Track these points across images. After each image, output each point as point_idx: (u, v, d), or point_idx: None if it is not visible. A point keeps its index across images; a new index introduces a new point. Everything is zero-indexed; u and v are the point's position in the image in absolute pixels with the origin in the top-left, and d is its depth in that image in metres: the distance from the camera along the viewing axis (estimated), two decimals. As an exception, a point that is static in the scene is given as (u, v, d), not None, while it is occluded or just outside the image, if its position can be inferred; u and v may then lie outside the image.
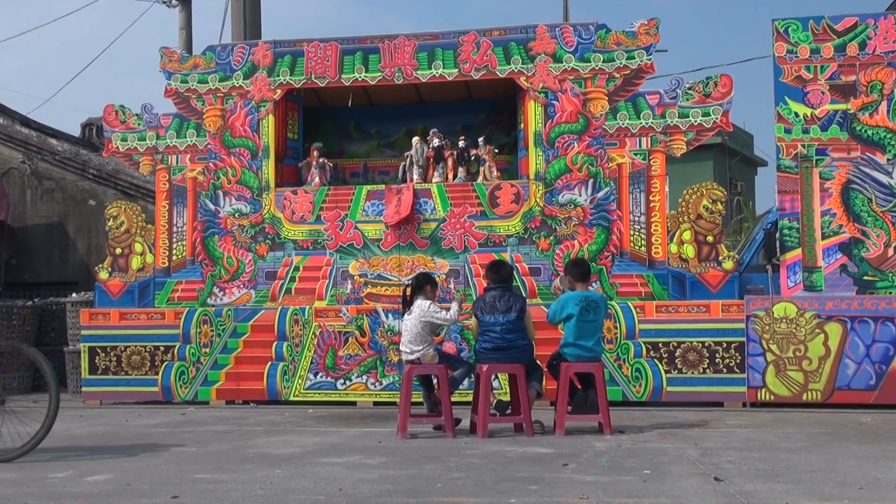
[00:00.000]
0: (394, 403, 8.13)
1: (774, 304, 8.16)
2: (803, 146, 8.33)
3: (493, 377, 7.22)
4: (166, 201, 9.50)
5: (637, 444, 6.12)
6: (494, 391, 7.46)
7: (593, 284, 6.95)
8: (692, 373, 8.24)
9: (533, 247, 8.71)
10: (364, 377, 8.81)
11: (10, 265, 12.33)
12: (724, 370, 8.19)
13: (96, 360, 9.23)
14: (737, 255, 8.67)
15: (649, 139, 8.63)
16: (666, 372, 8.28)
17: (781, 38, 8.41)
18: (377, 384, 8.79)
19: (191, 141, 9.47)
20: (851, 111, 8.29)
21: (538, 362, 6.92)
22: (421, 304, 6.81)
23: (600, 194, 8.67)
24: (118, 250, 9.55)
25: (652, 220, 8.56)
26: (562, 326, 6.85)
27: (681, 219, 8.51)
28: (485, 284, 7.15)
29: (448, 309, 6.86)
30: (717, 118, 8.56)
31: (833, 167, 8.29)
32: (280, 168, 9.44)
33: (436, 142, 9.20)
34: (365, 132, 10.39)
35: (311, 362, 8.87)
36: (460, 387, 7.16)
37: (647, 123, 8.63)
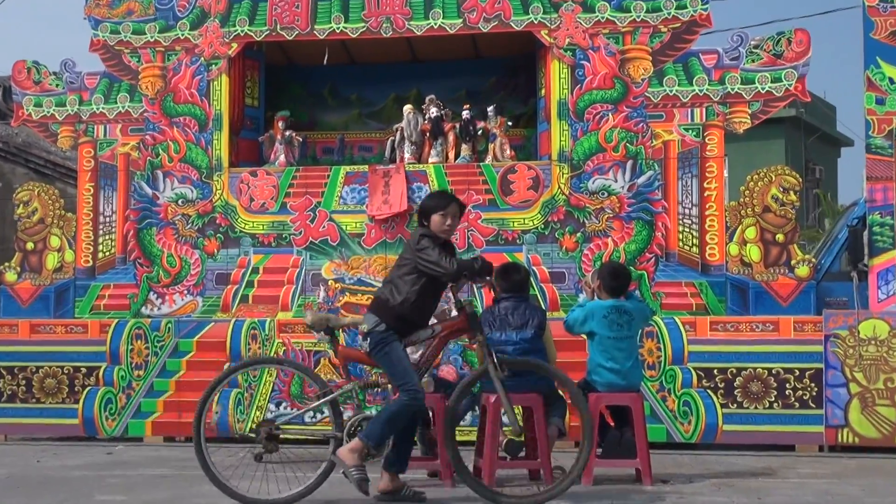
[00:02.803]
0: (377, 443, 8.12)
1: (861, 322, 8.16)
2: (899, 121, 8.35)
3: (503, 411, 7.22)
4: (91, 183, 9.51)
5: (684, 496, 6.13)
6: (505, 428, 7.46)
7: (635, 292, 6.96)
8: (755, 408, 8.25)
9: (555, 246, 8.71)
10: (340, 409, 8.79)
11: None
12: (797, 405, 8.20)
13: (1, 385, 9.23)
14: (814, 259, 8.68)
15: (704, 111, 8.64)
16: (722, 406, 8.28)
17: (873, -17, 8.43)
18: (356, 418, 8.77)
19: (123, 107, 9.47)
20: (961, 77, 8.31)
21: (560, 392, 6.93)
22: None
23: (641, 180, 8.68)
24: (29, 245, 9.55)
25: (706, 213, 8.57)
26: (587, 345, 6.86)
27: (743, 212, 8.52)
28: (493, 293, 7.15)
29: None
30: (790, 85, 8.56)
31: (937, 148, 8.31)
32: (235, 143, 9.45)
33: (433, 111, 9.20)
34: (343, 98, 10.40)
35: (273, 389, 8.87)
36: (462, 422, 7.15)
37: (701, 91, 8.64)
